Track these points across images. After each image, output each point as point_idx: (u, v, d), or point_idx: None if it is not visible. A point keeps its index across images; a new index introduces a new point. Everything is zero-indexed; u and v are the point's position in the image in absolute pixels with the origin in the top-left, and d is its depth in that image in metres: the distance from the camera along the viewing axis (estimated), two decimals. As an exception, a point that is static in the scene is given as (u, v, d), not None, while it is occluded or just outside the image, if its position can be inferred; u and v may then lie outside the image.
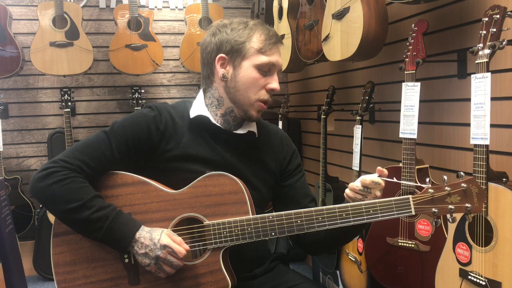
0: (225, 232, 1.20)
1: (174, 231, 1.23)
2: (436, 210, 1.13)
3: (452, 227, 1.60)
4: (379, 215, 1.15)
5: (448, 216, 1.14)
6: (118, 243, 1.21)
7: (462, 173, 1.15)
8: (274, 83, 1.31)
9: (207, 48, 1.34)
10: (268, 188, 1.41)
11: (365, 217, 1.16)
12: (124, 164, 1.30)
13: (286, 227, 1.20)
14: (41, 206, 3.29)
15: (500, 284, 1.41)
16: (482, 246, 1.47)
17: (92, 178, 1.26)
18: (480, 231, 1.47)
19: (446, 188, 1.13)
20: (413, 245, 1.82)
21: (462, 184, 1.12)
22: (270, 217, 1.20)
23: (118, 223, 1.20)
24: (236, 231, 1.20)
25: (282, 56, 2.95)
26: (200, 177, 1.25)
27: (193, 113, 1.35)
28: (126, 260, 1.24)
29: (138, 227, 1.22)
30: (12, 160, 3.49)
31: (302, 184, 1.45)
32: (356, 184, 1.23)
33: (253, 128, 1.40)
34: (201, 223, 1.23)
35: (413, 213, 1.14)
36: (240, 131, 1.37)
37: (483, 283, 1.46)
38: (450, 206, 1.12)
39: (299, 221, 1.19)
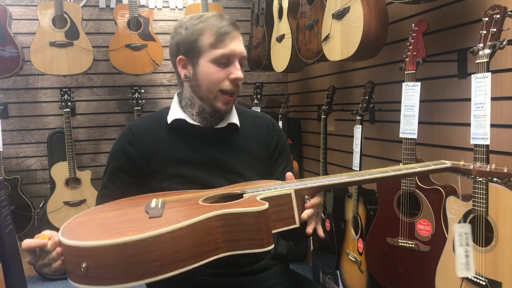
0: (264, 189, 1.14)
1: (211, 196, 1.16)
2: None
3: (452, 227, 1.60)
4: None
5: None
6: None
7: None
8: (235, 72, 1.30)
9: (170, 51, 1.38)
10: (259, 176, 1.39)
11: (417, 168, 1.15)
12: (137, 184, 1.34)
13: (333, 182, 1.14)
14: (41, 206, 3.29)
15: (501, 284, 1.41)
16: (482, 246, 1.46)
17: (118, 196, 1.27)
18: (481, 231, 1.47)
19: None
20: (413, 245, 1.82)
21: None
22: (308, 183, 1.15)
23: None
24: (275, 187, 1.14)
25: (282, 56, 2.98)
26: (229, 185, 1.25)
27: (170, 118, 1.37)
28: (153, 205, 1.09)
29: None
30: (12, 160, 3.49)
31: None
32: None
33: (234, 119, 1.40)
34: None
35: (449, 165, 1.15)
36: (220, 125, 1.39)
37: (484, 283, 1.45)
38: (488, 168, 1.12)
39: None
